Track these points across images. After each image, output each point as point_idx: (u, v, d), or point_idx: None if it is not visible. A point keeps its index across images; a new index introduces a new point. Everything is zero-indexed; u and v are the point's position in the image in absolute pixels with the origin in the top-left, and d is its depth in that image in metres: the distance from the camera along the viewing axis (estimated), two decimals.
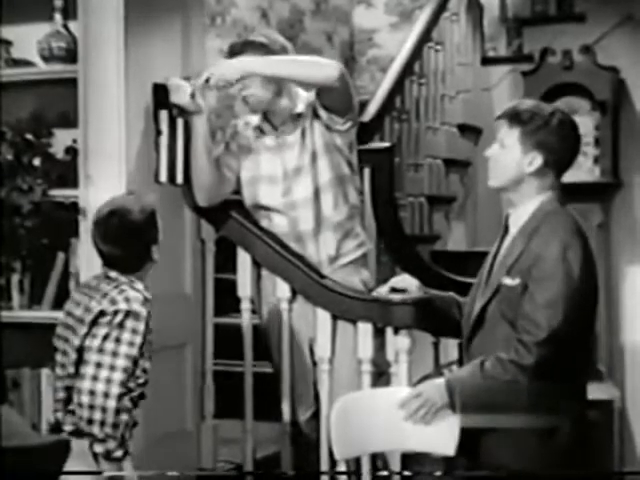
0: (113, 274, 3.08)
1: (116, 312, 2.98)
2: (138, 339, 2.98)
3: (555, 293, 2.93)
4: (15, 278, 3.80)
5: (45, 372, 3.65)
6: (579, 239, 3.00)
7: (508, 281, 3.02)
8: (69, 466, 2.76)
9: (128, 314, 2.98)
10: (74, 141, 3.76)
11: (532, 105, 3.11)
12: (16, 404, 3.66)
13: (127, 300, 3.00)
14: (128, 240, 3.07)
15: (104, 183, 3.51)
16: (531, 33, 6.41)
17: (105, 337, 2.97)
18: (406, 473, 3.54)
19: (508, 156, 3.07)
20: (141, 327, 2.98)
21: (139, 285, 3.07)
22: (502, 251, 3.13)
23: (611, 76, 5.75)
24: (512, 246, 3.07)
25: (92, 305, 3.03)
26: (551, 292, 2.93)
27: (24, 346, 3.65)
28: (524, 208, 3.08)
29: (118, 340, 2.96)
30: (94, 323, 2.99)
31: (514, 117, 3.08)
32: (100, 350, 2.96)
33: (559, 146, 3.06)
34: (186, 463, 3.82)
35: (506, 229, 3.16)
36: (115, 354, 2.95)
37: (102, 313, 2.99)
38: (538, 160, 3.05)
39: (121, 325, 2.97)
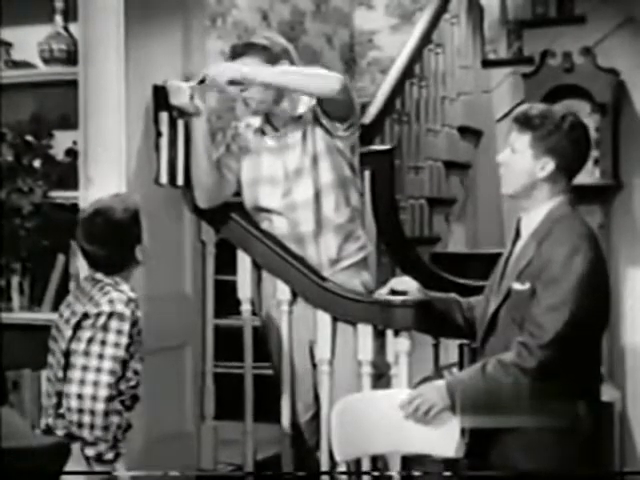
0: (98, 276, 3.09)
1: (99, 314, 2.98)
2: (124, 340, 2.97)
3: (560, 296, 2.92)
4: (15, 279, 3.81)
5: (44, 373, 3.66)
6: (589, 243, 2.99)
7: (518, 286, 3.01)
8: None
9: (111, 315, 2.97)
10: (74, 143, 3.77)
11: (543, 109, 3.09)
12: (16, 405, 3.66)
13: (110, 302, 2.99)
14: (112, 240, 3.07)
15: (104, 185, 3.51)
16: (531, 35, 6.41)
17: (90, 340, 2.96)
18: (406, 474, 3.53)
19: (519, 161, 3.06)
20: (126, 328, 2.98)
21: (123, 286, 3.07)
22: (514, 255, 3.12)
23: (611, 78, 5.74)
24: (523, 251, 3.07)
25: (77, 308, 3.04)
26: (556, 296, 2.92)
27: (24, 347, 3.65)
28: (535, 212, 3.07)
29: (103, 342, 2.96)
30: (78, 326, 3.00)
31: (525, 122, 3.06)
32: (86, 353, 2.96)
33: (571, 150, 3.05)
34: (186, 464, 3.81)
35: (517, 233, 3.15)
36: (101, 357, 2.95)
37: (85, 316, 3.00)
38: (550, 165, 3.03)
39: (105, 327, 2.97)
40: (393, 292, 3.47)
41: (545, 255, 2.98)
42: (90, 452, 2.95)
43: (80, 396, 2.93)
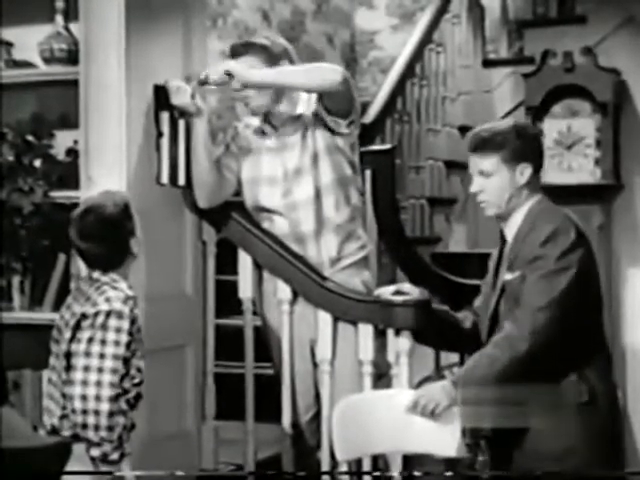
0: (95, 275, 3.09)
1: (97, 313, 2.98)
2: (124, 337, 2.98)
3: (548, 268, 3.02)
4: (16, 279, 3.81)
5: (46, 374, 3.65)
6: (571, 226, 3.10)
7: (509, 276, 3.12)
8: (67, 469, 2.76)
9: (109, 314, 2.97)
10: (75, 142, 3.77)
11: (493, 127, 3.23)
12: (17, 405, 3.66)
13: (107, 300, 3.00)
14: (105, 235, 3.08)
15: (105, 184, 3.50)
16: (532, 35, 6.40)
17: (90, 340, 2.97)
18: (408, 474, 3.53)
19: (496, 180, 3.17)
20: (125, 325, 2.98)
21: (121, 284, 3.07)
22: (504, 256, 3.22)
23: (612, 78, 5.73)
24: (511, 248, 3.17)
25: (75, 309, 3.05)
26: (544, 268, 3.03)
27: (25, 347, 3.65)
28: (515, 217, 3.19)
29: (103, 342, 2.96)
30: (77, 327, 3.00)
31: (484, 146, 3.18)
32: (86, 354, 2.96)
33: (536, 150, 3.22)
34: (187, 464, 3.81)
35: (503, 239, 3.25)
36: (102, 356, 2.95)
37: (84, 316, 3.00)
38: (528, 169, 3.17)
39: (104, 326, 2.97)
40: (395, 293, 3.50)
41: (531, 242, 3.09)
42: (95, 453, 2.95)
43: (84, 397, 2.93)
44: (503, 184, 3.15)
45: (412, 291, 3.47)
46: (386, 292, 3.51)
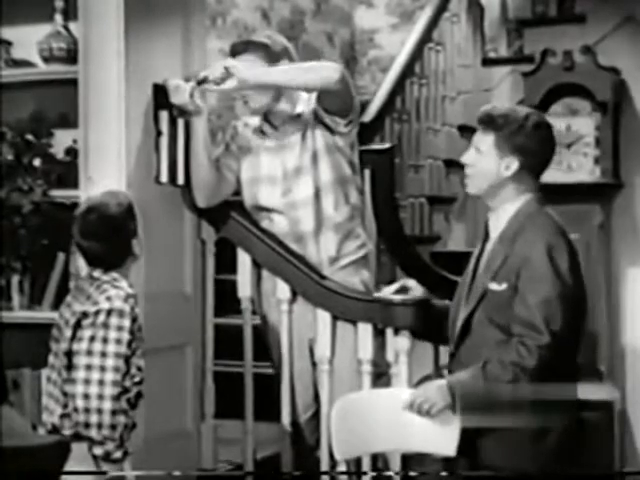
0: (96, 273, 3.09)
1: (97, 312, 2.98)
2: (125, 336, 2.98)
3: (548, 293, 2.96)
4: (15, 278, 3.81)
5: (45, 373, 3.65)
6: (563, 239, 3.04)
7: (494, 286, 3.04)
8: (69, 468, 2.76)
9: (110, 312, 2.98)
10: (74, 142, 3.77)
11: (506, 109, 3.14)
12: (16, 404, 3.66)
13: (108, 299, 3.00)
14: (107, 234, 3.09)
15: (104, 183, 3.50)
16: (532, 34, 6.40)
17: (91, 339, 2.97)
18: (406, 474, 3.54)
19: (484, 162, 3.11)
20: (126, 323, 2.98)
21: (122, 283, 3.07)
22: (485, 256, 3.15)
23: (612, 77, 5.74)
24: (495, 250, 3.10)
25: (75, 307, 3.05)
26: (544, 293, 2.96)
27: (24, 346, 3.65)
28: (503, 212, 3.12)
29: (105, 340, 2.96)
30: (78, 325, 3.00)
31: (488, 122, 3.11)
32: (88, 352, 2.96)
33: (536, 149, 3.10)
34: (186, 463, 3.81)
35: (486, 234, 3.19)
36: (104, 354, 2.95)
37: (84, 315, 3.00)
38: (514, 164, 3.08)
39: (105, 324, 2.97)
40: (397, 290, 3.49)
41: (521, 253, 3.01)
42: (98, 451, 2.95)
43: (86, 396, 2.93)
44: (488, 168, 3.09)
45: (416, 288, 3.46)
46: (390, 289, 3.50)
